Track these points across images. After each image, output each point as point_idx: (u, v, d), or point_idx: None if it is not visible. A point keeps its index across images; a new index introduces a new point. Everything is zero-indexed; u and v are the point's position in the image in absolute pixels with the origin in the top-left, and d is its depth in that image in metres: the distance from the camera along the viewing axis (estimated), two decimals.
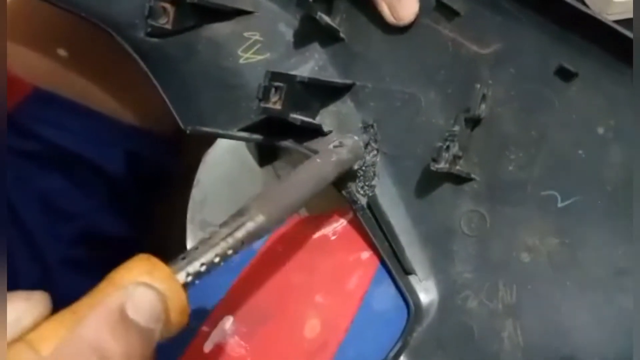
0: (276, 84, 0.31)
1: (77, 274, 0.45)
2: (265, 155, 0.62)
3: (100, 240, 0.48)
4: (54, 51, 0.44)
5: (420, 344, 0.31)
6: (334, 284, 0.33)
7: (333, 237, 0.35)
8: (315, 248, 0.35)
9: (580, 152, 0.29)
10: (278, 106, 0.32)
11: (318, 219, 0.37)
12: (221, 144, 0.50)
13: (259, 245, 0.36)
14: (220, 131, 0.34)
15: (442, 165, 0.30)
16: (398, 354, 0.30)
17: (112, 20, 0.35)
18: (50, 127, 0.44)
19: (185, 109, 0.34)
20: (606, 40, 0.28)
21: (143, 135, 0.49)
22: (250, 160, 0.65)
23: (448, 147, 0.30)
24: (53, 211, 0.46)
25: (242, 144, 0.48)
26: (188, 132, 0.33)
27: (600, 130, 0.29)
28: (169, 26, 0.35)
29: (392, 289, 0.33)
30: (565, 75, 0.30)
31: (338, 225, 0.36)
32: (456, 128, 0.30)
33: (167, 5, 0.34)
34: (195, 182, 0.51)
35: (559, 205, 0.30)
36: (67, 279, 0.45)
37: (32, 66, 0.44)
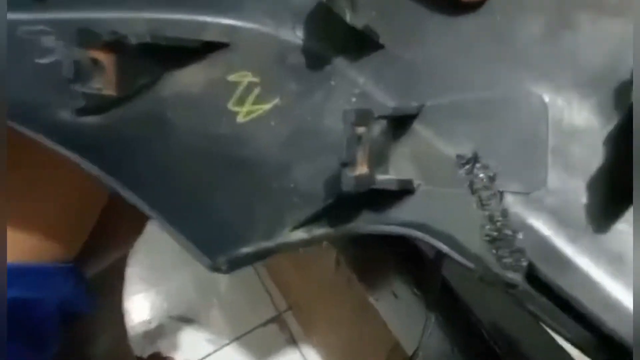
0: (359, 131, 0.17)
1: None
2: None
3: None
4: None
5: None
6: None
7: None
8: None
9: None
10: (364, 169, 0.18)
11: None
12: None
13: None
14: (269, 245, 0.19)
15: None
16: None
17: (13, 102, 0.19)
18: None
19: (198, 232, 0.18)
20: None
21: (31, 272, 0.34)
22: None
23: None
24: None
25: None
26: (224, 270, 0.18)
27: None
28: (111, 90, 0.19)
29: None
30: None
31: None
32: None
33: (102, 56, 0.19)
34: None
35: None
36: None
37: None
